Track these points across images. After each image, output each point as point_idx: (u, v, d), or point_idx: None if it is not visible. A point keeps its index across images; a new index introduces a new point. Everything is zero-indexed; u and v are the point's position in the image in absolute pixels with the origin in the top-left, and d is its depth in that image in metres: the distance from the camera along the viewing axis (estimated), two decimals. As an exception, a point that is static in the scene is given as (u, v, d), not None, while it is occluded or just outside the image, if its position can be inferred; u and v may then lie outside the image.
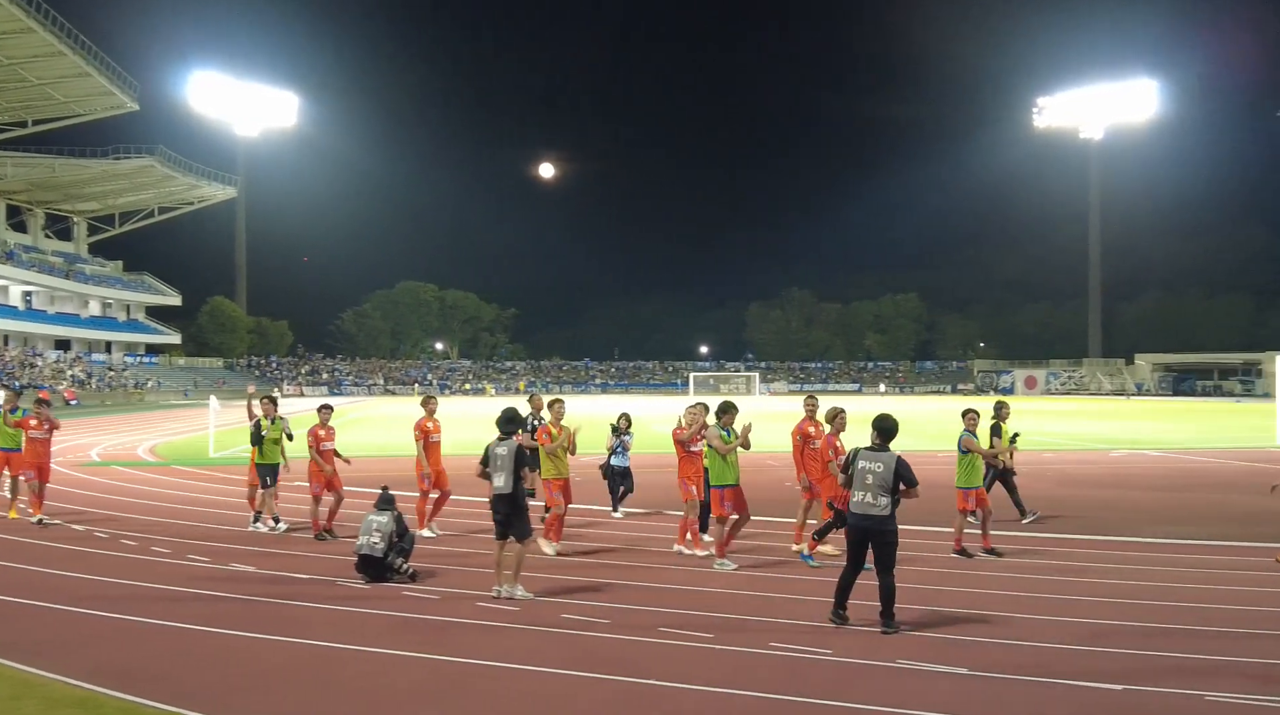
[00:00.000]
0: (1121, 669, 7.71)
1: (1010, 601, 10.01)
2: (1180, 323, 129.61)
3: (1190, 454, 27.94)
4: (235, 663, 7.94)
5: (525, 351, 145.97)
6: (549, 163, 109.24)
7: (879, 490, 8.82)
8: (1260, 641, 8.52)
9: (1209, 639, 8.59)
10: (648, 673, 7.58)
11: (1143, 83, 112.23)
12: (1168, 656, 8.07)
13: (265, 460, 14.33)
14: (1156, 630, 8.89)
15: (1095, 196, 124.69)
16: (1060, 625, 9.05)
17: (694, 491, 12.23)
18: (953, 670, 7.66)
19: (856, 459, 9.04)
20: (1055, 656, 8.07)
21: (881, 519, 8.82)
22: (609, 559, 12.26)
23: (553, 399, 13.38)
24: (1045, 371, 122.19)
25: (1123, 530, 14.31)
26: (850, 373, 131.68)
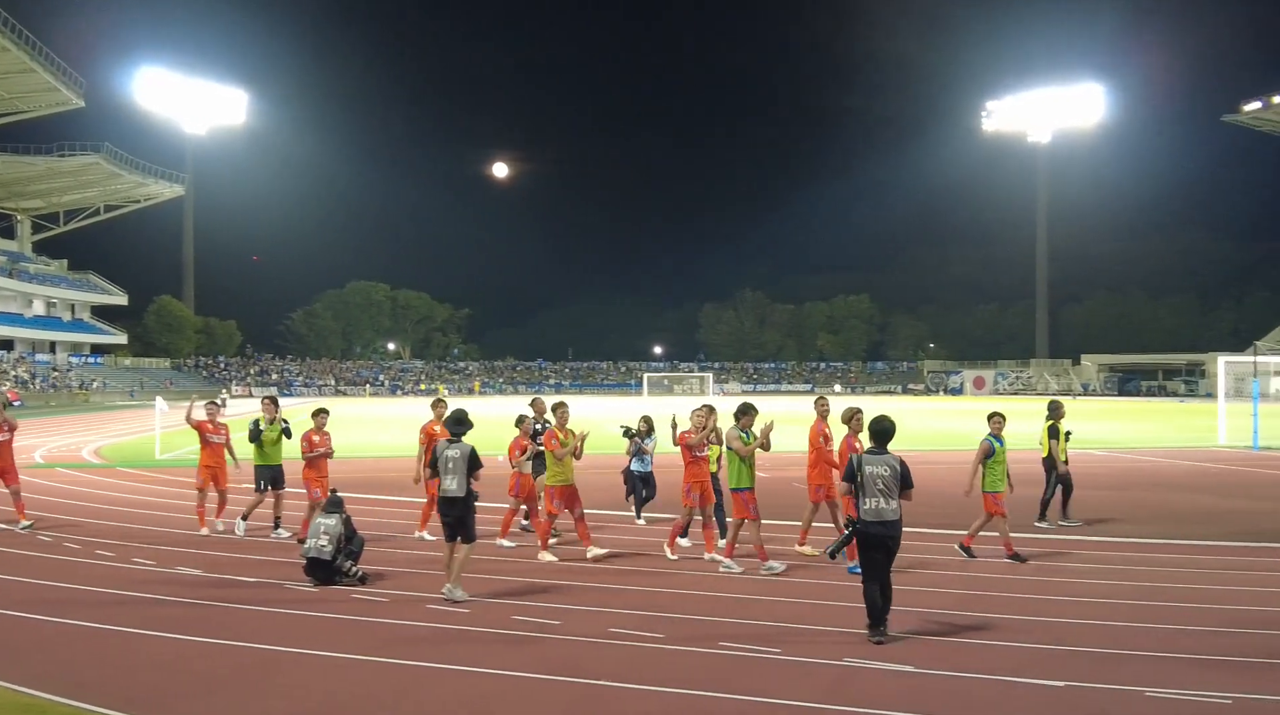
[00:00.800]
0: (1066, 666, 7.85)
1: (958, 600, 10.15)
2: (1125, 324, 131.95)
3: (1135, 453, 28.45)
4: (180, 667, 7.86)
5: (478, 352, 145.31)
6: (503, 162, 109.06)
7: (889, 494, 8.63)
8: (1201, 637, 8.72)
9: (1153, 635, 8.77)
10: (597, 674, 7.60)
11: (1089, 87, 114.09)
12: (1114, 653, 8.23)
13: (264, 461, 14.02)
14: (1102, 627, 9.06)
15: (1043, 199, 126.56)
16: (1012, 622, 9.20)
17: (695, 498, 11.95)
18: (900, 668, 7.76)
19: (863, 465, 8.75)
20: (1004, 653, 8.20)
21: (894, 523, 8.63)
22: (568, 560, 12.25)
23: (557, 402, 13.02)
24: (994, 372, 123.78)
25: (1064, 529, 14.56)
26: (803, 373, 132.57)
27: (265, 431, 14.03)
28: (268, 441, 14.04)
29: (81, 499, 18.07)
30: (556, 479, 12.28)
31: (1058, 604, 9.96)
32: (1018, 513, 14.00)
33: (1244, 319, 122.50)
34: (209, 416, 14.64)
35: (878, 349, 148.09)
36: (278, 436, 14.12)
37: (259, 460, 14.10)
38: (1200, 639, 8.64)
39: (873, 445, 8.95)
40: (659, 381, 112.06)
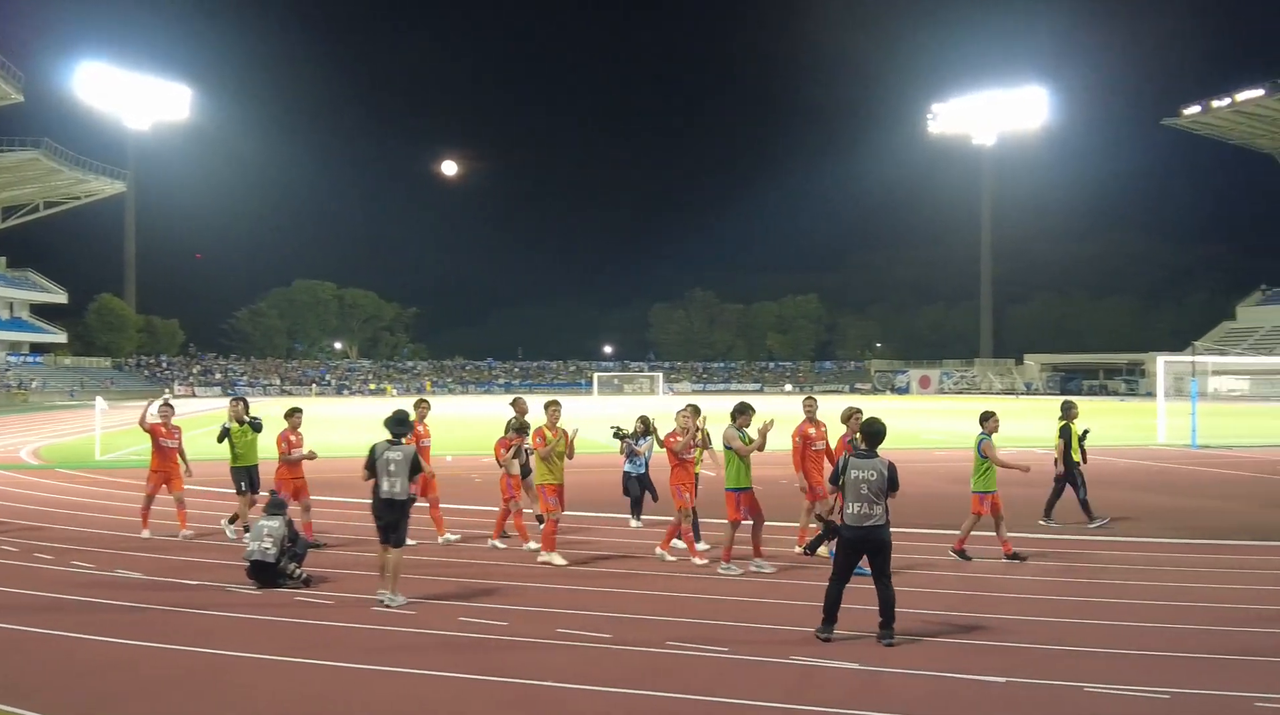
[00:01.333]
0: (1006, 662, 7.98)
1: (903, 598, 10.26)
2: (1067, 324, 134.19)
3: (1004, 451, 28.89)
4: (121, 672, 7.74)
5: (427, 351, 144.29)
6: (452, 160, 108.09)
7: (875, 498, 8.54)
8: (1143, 634, 8.90)
9: (1097, 631, 8.94)
10: (543, 675, 7.60)
11: (1033, 90, 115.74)
12: (1051, 649, 8.38)
13: (241, 462, 13.71)
14: (1041, 624, 9.22)
15: (987, 201, 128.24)
16: (951, 619, 9.34)
17: (688, 499, 11.95)
18: (843, 665, 7.85)
19: (848, 467, 8.67)
20: (938, 649, 8.32)
21: (879, 527, 8.55)
22: (513, 561, 12.22)
23: (549, 401, 12.74)
24: (939, 371, 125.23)
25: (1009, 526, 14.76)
26: (752, 373, 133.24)
27: (234, 431, 13.73)
28: (239, 441, 13.72)
29: (19, 501, 17.71)
30: (546, 478, 12.10)
31: (1000, 601, 10.12)
32: (1016, 513, 14.08)
33: (1183, 320, 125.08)
34: (163, 419, 14.30)
35: (826, 349, 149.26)
36: (250, 436, 13.80)
37: (235, 462, 13.77)
38: (1143, 635, 8.82)
39: (864, 447, 8.91)
40: (609, 381, 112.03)
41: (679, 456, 12.01)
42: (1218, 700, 7.09)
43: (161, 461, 14.09)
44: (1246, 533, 14.23)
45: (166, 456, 14.11)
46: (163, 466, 14.08)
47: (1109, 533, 14.23)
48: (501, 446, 13.22)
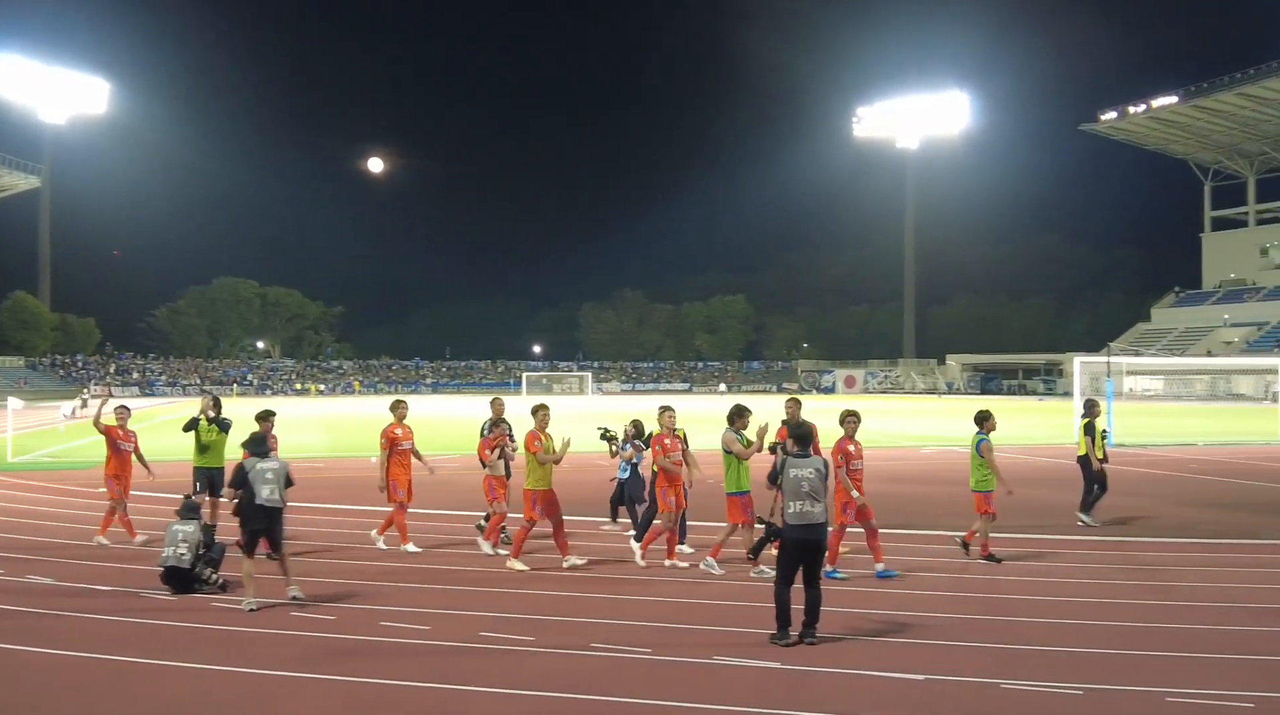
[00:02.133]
0: (926, 659, 8.10)
1: (837, 598, 10.36)
2: (988, 325, 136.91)
3: (996, 451, 29.47)
4: (28, 679, 7.52)
5: (352, 351, 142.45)
6: (378, 158, 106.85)
7: (815, 497, 8.60)
8: (1055, 630, 9.10)
9: (1007, 628, 9.12)
10: (466, 679, 7.54)
11: (955, 95, 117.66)
12: (977, 646, 8.53)
13: (205, 462, 13.28)
14: (959, 621, 9.38)
15: (911, 204, 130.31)
16: (867, 617, 9.46)
17: (672, 502, 11.66)
18: (765, 664, 7.89)
19: (786, 467, 8.72)
20: (863, 648, 8.42)
21: (821, 526, 8.63)
22: (436, 564, 12.10)
23: (537, 405, 12.32)
24: (864, 371, 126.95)
25: (926, 525, 15.02)
26: (681, 373, 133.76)
27: (201, 427, 13.33)
28: (206, 439, 13.31)
29: (-78, 506, 17.10)
30: (539, 483, 11.71)
31: (925, 599, 10.27)
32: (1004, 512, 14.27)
33: (1099, 321, 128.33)
34: (120, 421, 13.83)
35: (754, 349, 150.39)
36: (216, 435, 13.38)
37: (199, 461, 13.34)
38: (1053, 632, 9.01)
39: (796, 448, 8.98)
40: (538, 381, 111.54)
41: (663, 464, 11.73)
42: (1133, 696, 7.27)
43: (118, 465, 13.58)
44: (1163, 530, 14.62)
45: (123, 460, 13.63)
46: (119, 470, 13.56)
47: (1025, 530, 14.48)
48: (486, 447, 12.84)
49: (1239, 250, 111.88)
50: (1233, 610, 9.77)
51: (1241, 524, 15.28)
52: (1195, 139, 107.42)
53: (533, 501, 11.73)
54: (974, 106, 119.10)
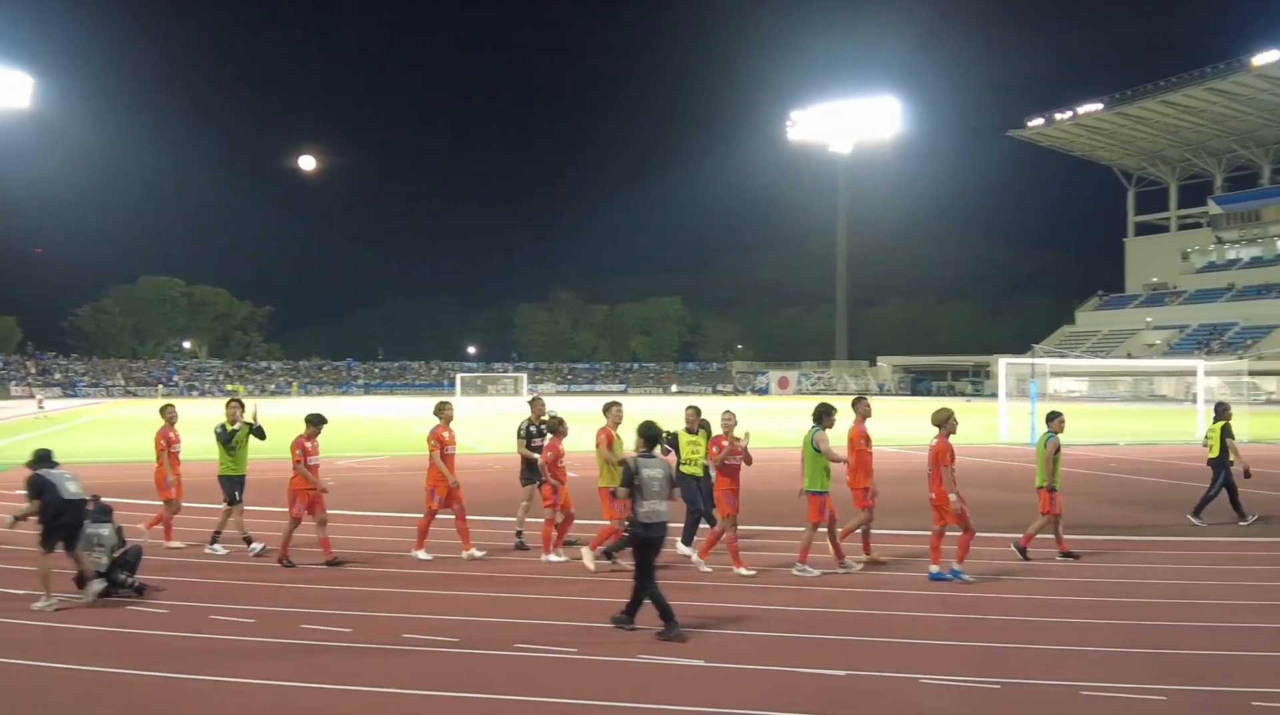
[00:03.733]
0: (847, 655, 8.17)
1: (746, 594, 10.42)
2: (917, 327, 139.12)
3: (923, 451, 29.86)
4: (-73, 691, 7.26)
5: (282, 351, 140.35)
6: (310, 155, 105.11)
7: (663, 496, 8.89)
8: (974, 627, 9.23)
9: (935, 625, 9.24)
10: (388, 682, 7.44)
11: (887, 100, 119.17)
12: (899, 643, 8.62)
13: (234, 470, 12.79)
14: (878, 617, 9.48)
15: (843, 208, 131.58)
16: (793, 615, 9.52)
17: (733, 505, 11.37)
18: (691, 663, 7.90)
19: (640, 468, 8.87)
20: (787, 646, 8.46)
21: (665, 524, 8.93)
22: (362, 567, 11.93)
23: (610, 402, 12.28)
24: (797, 372, 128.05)
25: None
26: (617, 374, 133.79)
27: (240, 434, 12.88)
28: (238, 446, 12.88)
29: None
30: (613, 482, 11.37)
31: (843, 596, 10.36)
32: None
33: (1025, 324, 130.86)
34: (169, 423, 13.55)
35: (689, 350, 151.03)
36: (246, 438, 12.98)
37: (228, 469, 12.83)
38: (974, 629, 9.15)
39: (644, 449, 9.15)
40: (472, 382, 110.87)
41: (719, 464, 11.53)
42: (1047, 690, 7.39)
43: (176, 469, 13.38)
44: (1083, 528, 14.89)
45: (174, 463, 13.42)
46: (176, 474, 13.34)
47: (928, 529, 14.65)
48: (547, 451, 12.39)
49: (1161, 255, 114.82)
50: (1141, 606, 9.99)
51: (1152, 521, 15.66)
52: (1120, 146, 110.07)
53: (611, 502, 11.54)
54: (905, 112, 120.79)
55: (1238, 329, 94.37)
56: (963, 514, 11.04)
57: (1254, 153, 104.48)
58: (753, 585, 10.84)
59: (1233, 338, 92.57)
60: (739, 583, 10.94)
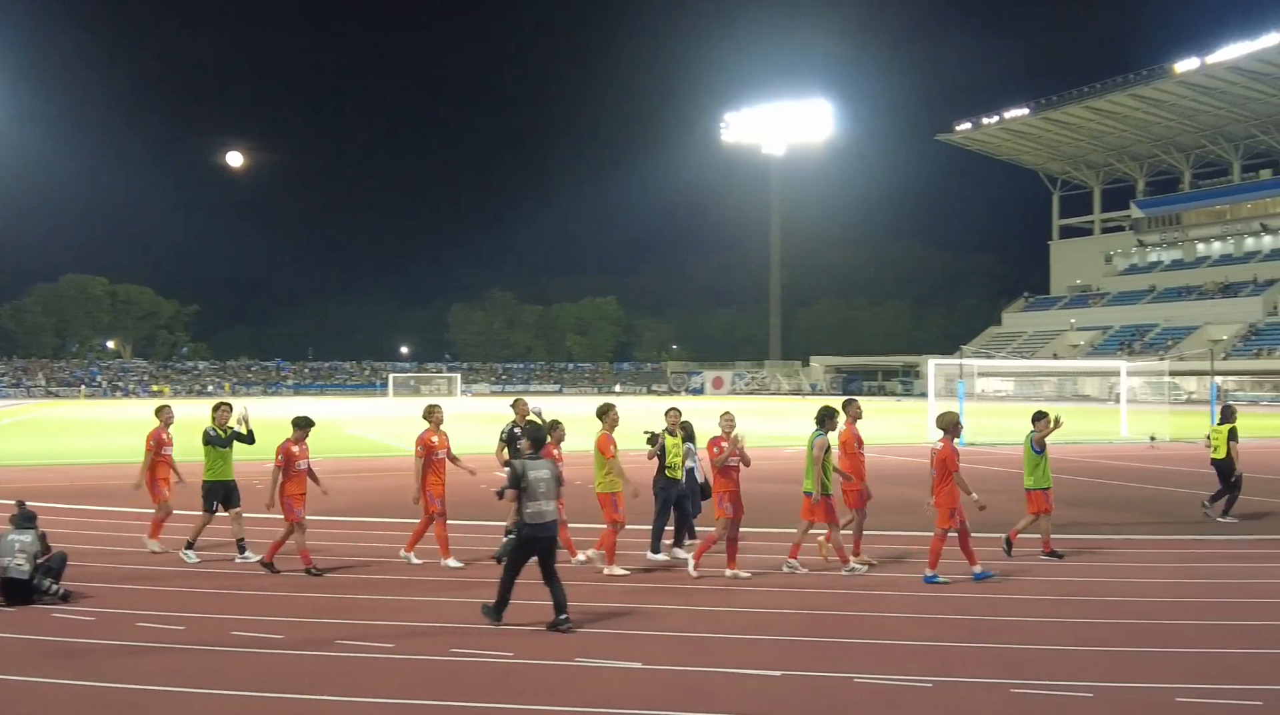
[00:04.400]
0: (782, 655, 8.25)
1: (680, 595, 10.48)
2: (849, 328, 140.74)
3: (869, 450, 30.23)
4: None
5: (209, 351, 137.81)
6: (238, 151, 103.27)
7: (550, 497, 9.02)
8: (912, 624, 9.38)
9: (868, 623, 9.37)
10: (322, 688, 7.36)
11: (819, 103, 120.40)
12: (833, 641, 8.72)
13: (218, 476, 12.42)
14: (818, 616, 9.58)
15: (776, 209, 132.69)
16: (727, 615, 9.60)
17: (728, 509, 11.22)
18: (628, 665, 7.92)
19: (527, 470, 9.00)
20: (720, 646, 8.54)
21: (553, 524, 9.07)
22: (292, 571, 11.76)
23: (606, 404, 12.06)
24: (731, 372, 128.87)
25: (789, 523, 15.26)
26: (552, 374, 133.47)
27: (222, 438, 12.57)
28: (223, 451, 12.55)
29: None
30: (614, 485, 11.52)
31: (786, 595, 10.45)
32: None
33: (954, 324, 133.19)
34: (165, 424, 13.21)
35: (625, 350, 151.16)
36: (230, 444, 12.66)
37: (217, 474, 12.45)
38: (912, 626, 9.29)
39: (531, 451, 9.29)
40: (405, 382, 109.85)
41: (721, 465, 11.43)
42: (978, 688, 7.53)
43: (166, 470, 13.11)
44: (1007, 526, 15.15)
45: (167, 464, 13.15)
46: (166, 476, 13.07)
47: (871, 527, 14.86)
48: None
49: (1085, 257, 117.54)
50: (1065, 603, 10.23)
51: (1069, 518, 16.02)
52: (1045, 150, 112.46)
53: (614, 503, 11.50)
54: (837, 115, 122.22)
55: (1159, 330, 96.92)
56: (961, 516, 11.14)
57: (1175, 158, 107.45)
58: (689, 586, 10.88)
59: (1154, 339, 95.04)
60: (664, 584, 10.98)
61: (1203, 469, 23.23)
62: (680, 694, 7.27)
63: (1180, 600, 10.46)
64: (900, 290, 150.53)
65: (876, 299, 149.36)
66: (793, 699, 7.25)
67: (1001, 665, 7.99)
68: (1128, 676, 7.72)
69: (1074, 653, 8.37)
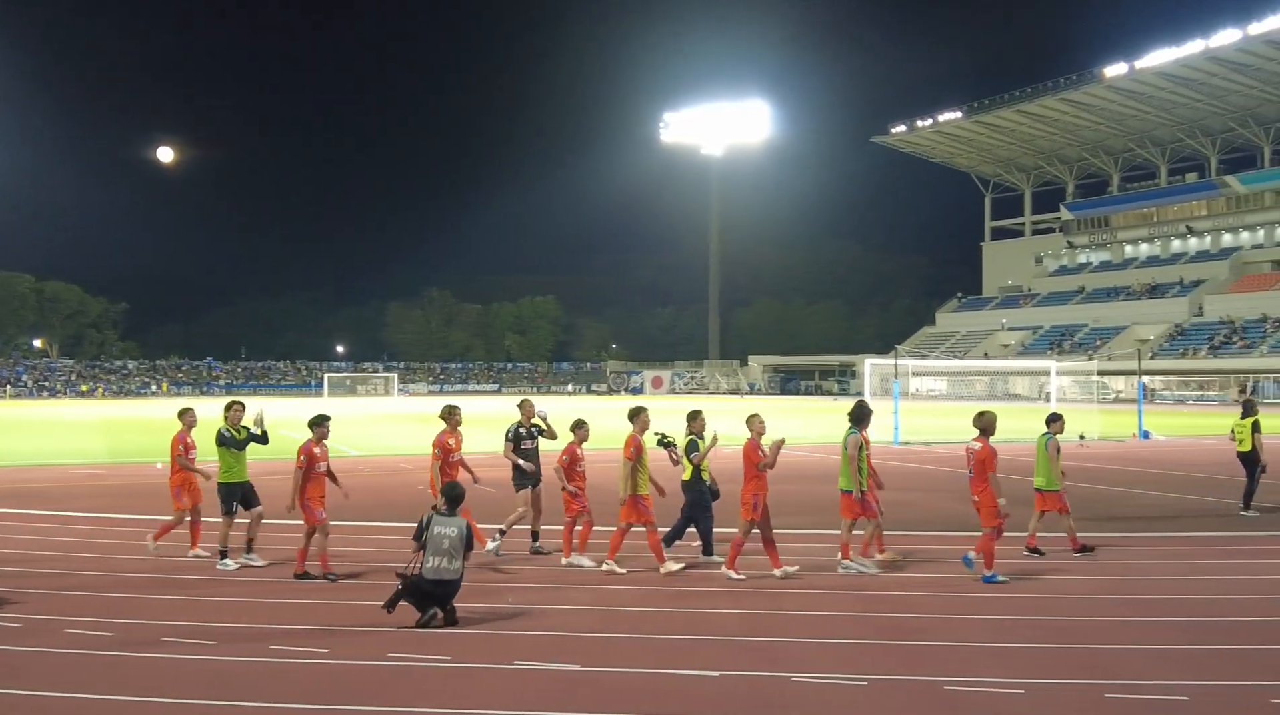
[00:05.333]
0: (717, 655, 8.30)
1: (553, 594, 10.49)
2: (786, 327, 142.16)
3: (793, 449, 30.47)
4: None
5: (139, 350, 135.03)
6: (167, 145, 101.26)
7: (454, 554, 9.01)
8: (850, 622, 9.49)
9: (796, 621, 9.45)
10: (256, 693, 7.26)
11: (757, 105, 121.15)
12: (763, 640, 8.79)
13: (235, 477, 12.07)
14: (753, 616, 9.65)
15: (715, 210, 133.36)
16: (603, 614, 9.66)
17: (759, 512, 11.20)
18: (441, 662, 7.92)
19: (432, 524, 9.07)
20: (592, 645, 8.57)
21: (454, 583, 9.04)
22: (138, 573, 11.58)
23: (638, 407, 12.03)
24: (670, 372, 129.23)
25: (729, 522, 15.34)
26: (491, 374, 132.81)
27: (238, 439, 12.21)
28: (238, 452, 12.21)
29: None
30: (643, 487, 11.50)
31: (719, 594, 10.52)
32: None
33: (888, 324, 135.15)
34: (187, 428, 12.76)
35: (564, 350, 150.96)
36: (246, 444, 12.33)
37: (233, 475, 12.09)
38: (849, 624, 9.41)
39: (445, 508, 9.31)
40: (341, 382, 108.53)
41: (763, 468, 11.42)
42: (914, 685, 7.65)
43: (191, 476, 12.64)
44: (941, 524, 15.41)
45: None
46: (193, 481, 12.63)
47: (808, 526, 15.02)
48: (563, 455, 12.16)
49: (1016, 259, 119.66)
50: (993, 599, 10.42)
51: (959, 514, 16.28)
52: (977, 153, 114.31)
53: (645, 505, 11.46)
54: (775, 116, 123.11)
55: (1088, 330, 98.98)
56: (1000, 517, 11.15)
57: (1104, 161, 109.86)
58: (567, 585, 10.89)
59: (1083, 338, 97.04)
60: (537, 583, 11.00)
61: (1131, 467, 23.83)
62: (487, 694, 7.27)
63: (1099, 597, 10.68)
64: (837, 290, 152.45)
65: (813, 299, 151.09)
66: (729, 700, 7.29)
67: (931, 662, 8.12)
68: (1060, 674, 7.87)
69: (999, 650, 8.52)
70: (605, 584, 11.03)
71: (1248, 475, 16.29)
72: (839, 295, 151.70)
